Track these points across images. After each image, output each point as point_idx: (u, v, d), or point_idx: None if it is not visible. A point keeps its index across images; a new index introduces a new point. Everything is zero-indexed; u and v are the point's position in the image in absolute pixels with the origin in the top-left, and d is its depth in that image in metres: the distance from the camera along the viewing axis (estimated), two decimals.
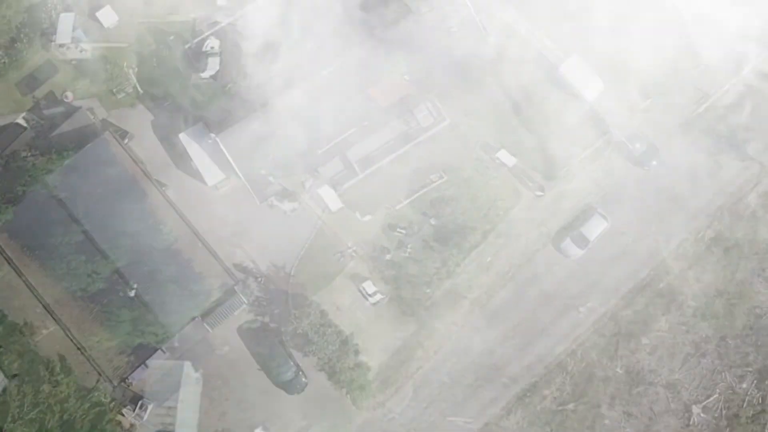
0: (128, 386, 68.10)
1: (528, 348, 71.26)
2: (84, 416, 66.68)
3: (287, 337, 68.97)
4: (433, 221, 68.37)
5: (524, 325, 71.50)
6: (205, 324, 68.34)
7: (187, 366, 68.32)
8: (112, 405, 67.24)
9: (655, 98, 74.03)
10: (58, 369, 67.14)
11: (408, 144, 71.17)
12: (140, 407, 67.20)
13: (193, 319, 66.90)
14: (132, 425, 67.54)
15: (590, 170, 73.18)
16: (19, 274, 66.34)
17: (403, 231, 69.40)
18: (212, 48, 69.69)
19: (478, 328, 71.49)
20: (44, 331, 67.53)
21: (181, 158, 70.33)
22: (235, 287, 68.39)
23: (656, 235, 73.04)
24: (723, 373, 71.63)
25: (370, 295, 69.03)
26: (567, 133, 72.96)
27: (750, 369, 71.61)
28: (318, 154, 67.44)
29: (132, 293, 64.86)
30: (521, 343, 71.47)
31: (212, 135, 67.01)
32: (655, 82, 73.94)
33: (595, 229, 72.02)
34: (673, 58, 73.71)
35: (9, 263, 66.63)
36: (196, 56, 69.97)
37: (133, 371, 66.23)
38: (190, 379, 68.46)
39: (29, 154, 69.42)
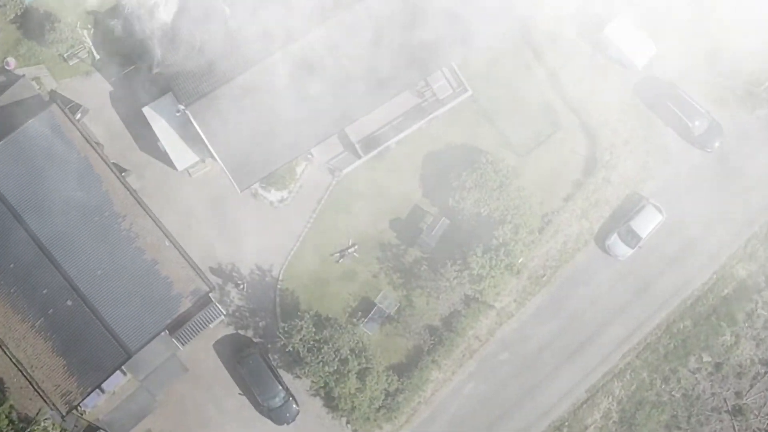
0: (81, 415, 57.88)
1: (566, 368, 61.01)
2: None
3: (275, 355, 58.97)
4: (446, 221, 59.17)
5: (561, 340, 61.23)
6: (173, 339, 58.36)
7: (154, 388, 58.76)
8: None
9: (721, 68, 64.32)
10: None
11: (421, 120, 61.61)
12: None
13: (159, 333, 57.08)
14: None
15: (641, 153, 63.02)
16: None
17: (425, 225, 60.07)
18: None
19: (505, 344, 61.24)
20: None
21: (145, 138, 59.69)
22: (211, 295, 57.95)
23: (720, 232, 62.92)
24: None
25: (380, 306, 59.87)
26: (610, 107, 63.33)
27: None
28: (313, 132, 57.82)
29: (69, 302, 54.18)
30: (558, 362, 61.29)
31: (180, 107, 57.02)
32: (720, 47, 64.29)
33: (648, 223, 61.35)
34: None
35: None
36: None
37: (85, 397, 55.83)
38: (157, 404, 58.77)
39: None
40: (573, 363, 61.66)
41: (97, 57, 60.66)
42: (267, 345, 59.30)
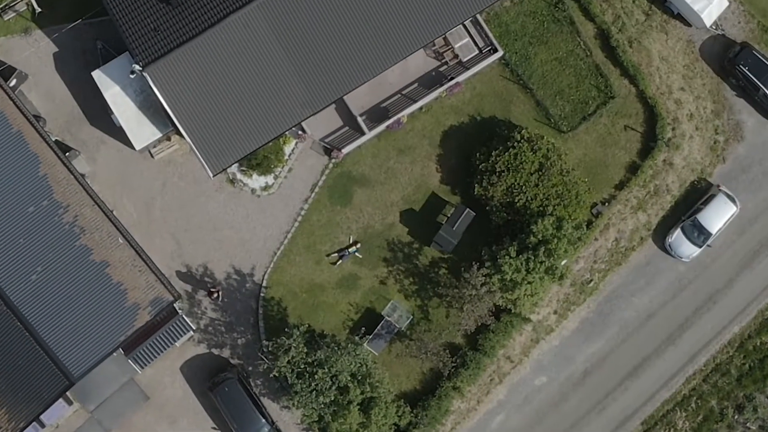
0: None
1: (617, 395, 50.93)
2: None
3: (257, 380, 49.05)
4: (470, 213, 49.45)
5: (611, 361, 51.25)
6: (130, 361, 48.77)
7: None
8: None
9: None
10: None
11: (440, 88, 51.88)
12: None
13: (111, 354, 47.47)
14: None
15: (709, 130, 52.42)
16: None
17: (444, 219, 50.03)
18: None
19: (543, 366, 51.25)
20: None
21: (97, 110, 49.29)
22: (177, 306, 47.94)
23: None
24: None
25: (388, 320, 49.59)
26: (673, 73, 52.95)
27: None
28: (304, 101, 48.12)
29: None
30: (607, 389, 51.24)
31: (136, 67, 46.97)
32: None
33: (719, 216, 50.84)
34: None
35: None
36: None
37: None
38: None
39: None
40: (626, 389, 51.67)
41: (39, 10, 50.60)
42: (247, 368, 49.21)
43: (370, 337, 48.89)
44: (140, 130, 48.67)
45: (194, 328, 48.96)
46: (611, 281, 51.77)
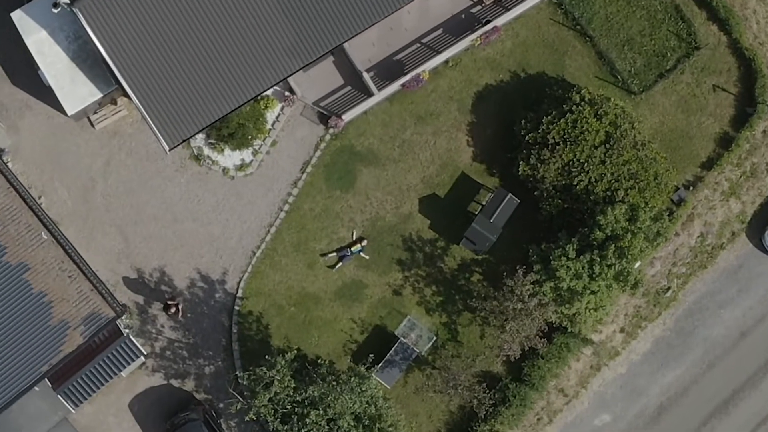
0: None
1: None
2: None
3: (230, 421, 38.37)
4: (513, 200, 38.86)
5: (694, 394, 40.59)
6: (60, 396, 38.28)
7: None
8: None
9: None
10: None
11: (472, 35, 40.53)
12: None
13: (33, 386, 36.98)
14: None
15: None
16: None
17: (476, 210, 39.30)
18: None
19: (606, 400, 40.23)
20: None
21: (20, 64, 38.31)
22: (122, 323, 37.46)
23: None
24: None
25: (404, 342, 38.50)
26: None
27: None
28: (290, 51, 37.46)
29: None
30: (688, 429, 40.48)
31: (62, 1, 36.78)
32: None
33: None
34: None
35: None
36: None
37: None
38: None
39: None
40: (712, 430, 41.74)
41: None
42: (217, 405, 38.42)
43: (381, 365, 38.12)
44: (74, 89, 37.55)
45: (146, 353, 38.47)
46: (694, 289, 40.82)
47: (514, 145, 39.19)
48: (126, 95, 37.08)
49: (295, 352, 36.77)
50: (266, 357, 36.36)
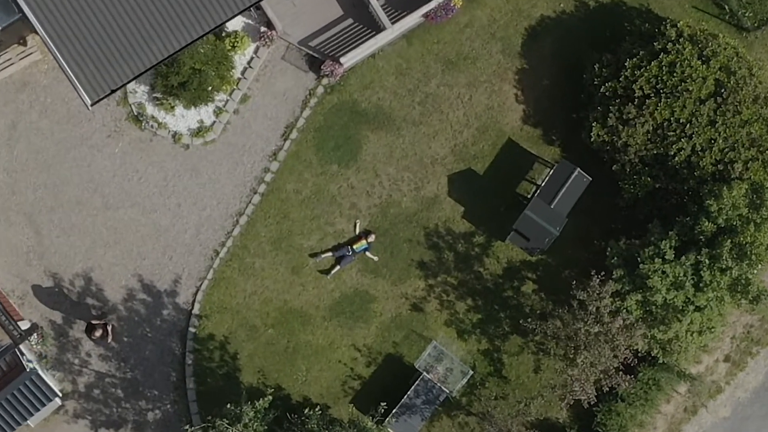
0: None
1: None
2: None
3: None
4: (582, 177, 28.85)
5: None
6: None
7: None
8: None
9: None
10: None
11: None
12: None
13: None
14: None
15: None
16: None
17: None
18: None
19: None
20: None
21: None
22: (28, 352, 26.89)
23: None
24: None
25: (426, 378, 27.84)
26: None
27: None
28: None
29: None
30: None
31: None
32: None
33: None
34: None
35: None
36: None
37: None
38: None
39: None
40: None
41: None
42: None
43: (395, 410, 27.49)
44: None
45: (62, 393, 28.76)
46: None
47: (582, 100, 28.45)
48: (35, 31, 27.70)
49: (270, 397, 26.30)
50: (233, 401, 26.30)
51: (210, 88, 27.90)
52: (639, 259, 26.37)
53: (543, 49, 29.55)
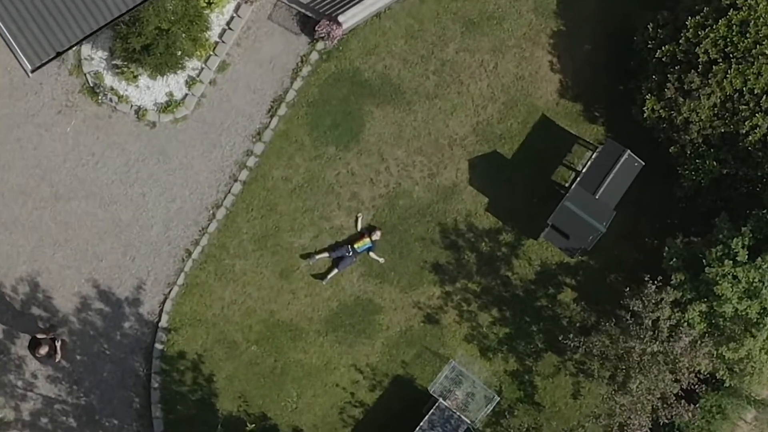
0: None
1: None
2: None
3: None
4: (634, 161, 23.12)
5: None
6: None
7: None
8: None
9: None
10: None
11: None
12: None
13: None
14: None
15: None
16: None
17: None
18: None
19: None
20: None
21: None
22: None
23: None
24: None
25: (443, 407, 22.66)
26: None
27: None
28: None
29: None
30: None
31: None
32: None
33: None
34: None
35: None
36: None
37: None
38: None
39: None
40: None
41: None
42: None
43: None
44: None
45: (5, 419, 25.09)
46: None
47: (632, 68, 23.62)
48: None
49: (253, 426, 22.33)
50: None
51: (180, 53, 23.33)
52: (704, 261, 21.88)
53: (584, 7, 24.63)
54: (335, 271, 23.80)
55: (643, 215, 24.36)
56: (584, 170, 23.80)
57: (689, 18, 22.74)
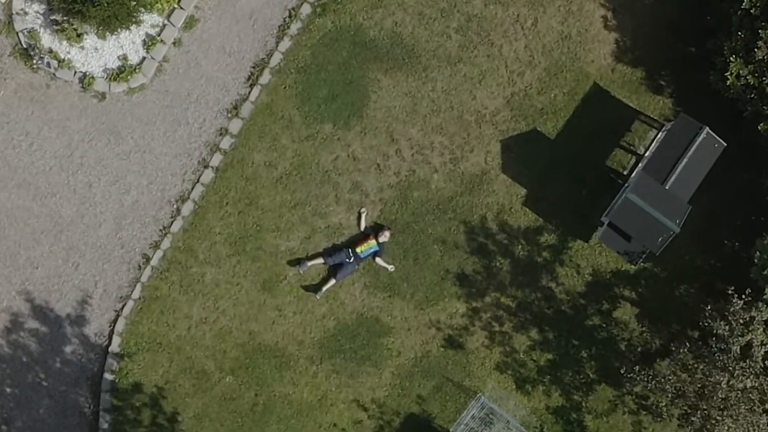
0: None
1: None
2: None
3: None
4: (713, 141, 18.03)
5: None
6: None
7: None
8: None
9: None
10: None
11: None
12: None
13: None
14: None
15: None
16: None
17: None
18: None
19: None
20: None
21: None
22: None
23: None
24: None
25: None
26: None
27: None
28: None
29: None
30: None
31: None
32: None
33: None
34: None
35: None
36: None
37: None
38: None
39: None
40: None
41: None
42: None
43: None
44: None
45: None
46: None
47: (709, 24, 18.98)
48: None
49: None
50: None
51: (134, 3, 19.10)
52: None
53: None
54: (332, 281, 19.18)
55: (723, 211, 19.52)
56: (648, 153, 19.18)
57: None
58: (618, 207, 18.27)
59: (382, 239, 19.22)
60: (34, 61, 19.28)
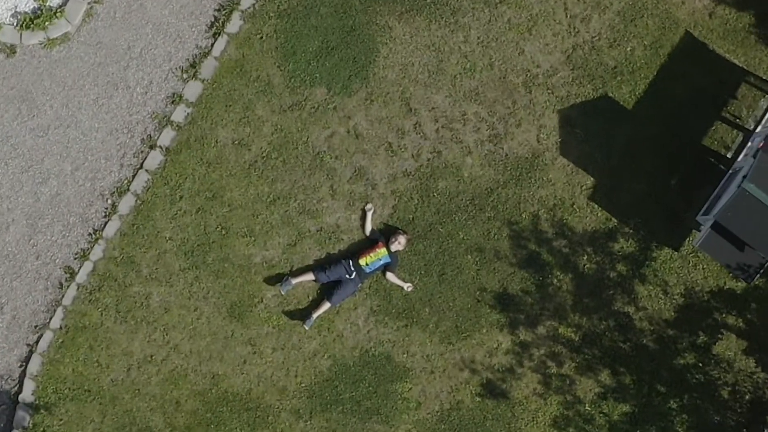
0: None
1: None
2: None
3: None
4: None
5: None
6: None
7: None
8: None
9: None
10: None
11: None
12: None
13: None
14: None
15: None
16: None
17: None
18: None
19: None
20: None
21: None
22: None
23: None
24: None
25: None
26: None
27: None
28: None
29: None
30: None
31: None
32: None
33: None
34: None
35: None
36: None
37: None
38: None
39: None
40: None
41: None
42: None
43: None
44: None
45: None
46: None
47: None
48: None
49: None
50: None
51: None
52: None
53: None
54: (326, 305, 14.63)
55: None
56: (761, 129, 15.13)
57: None
58: (729, 203, 13.69)
59: (395, 247, 14.73)
60: None
